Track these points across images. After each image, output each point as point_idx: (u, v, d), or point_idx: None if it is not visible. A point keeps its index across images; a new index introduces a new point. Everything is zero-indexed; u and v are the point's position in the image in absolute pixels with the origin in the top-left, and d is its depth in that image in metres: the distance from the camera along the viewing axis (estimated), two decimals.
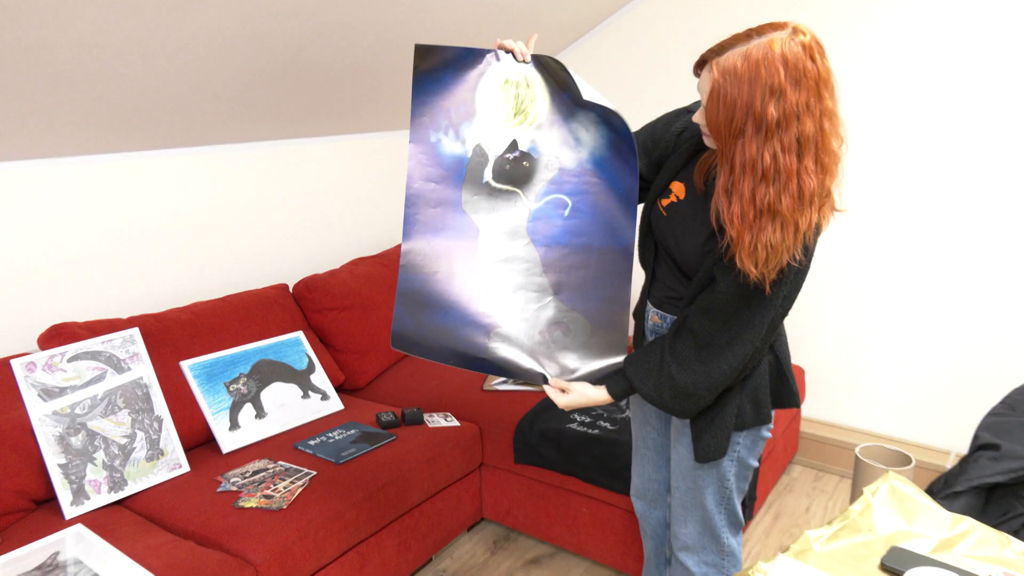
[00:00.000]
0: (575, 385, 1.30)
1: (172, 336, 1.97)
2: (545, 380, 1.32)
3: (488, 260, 1.31)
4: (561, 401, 1.31)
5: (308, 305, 2.31)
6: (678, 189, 1.28)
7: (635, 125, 1.38)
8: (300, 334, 2.22)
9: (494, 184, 1.29)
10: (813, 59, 1.04)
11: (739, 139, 1.06)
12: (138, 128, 1.96)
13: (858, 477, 2.20)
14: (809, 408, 2.61)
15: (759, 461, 1.41)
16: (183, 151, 2.15)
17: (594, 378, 1.32)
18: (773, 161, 1.05)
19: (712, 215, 1.15)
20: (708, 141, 1.17)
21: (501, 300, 1.31)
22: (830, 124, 1.06)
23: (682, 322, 1.25)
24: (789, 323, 2.54)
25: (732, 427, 1.27)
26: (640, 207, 1.38)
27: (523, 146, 1.29)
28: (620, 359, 1.31)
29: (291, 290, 2.36)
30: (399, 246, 2.84)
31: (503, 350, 1.31)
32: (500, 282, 1.31)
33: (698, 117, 1.15)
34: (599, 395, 1.29)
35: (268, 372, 2.09)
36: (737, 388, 1.27)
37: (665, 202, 1.28)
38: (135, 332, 1.89)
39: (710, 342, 1.21)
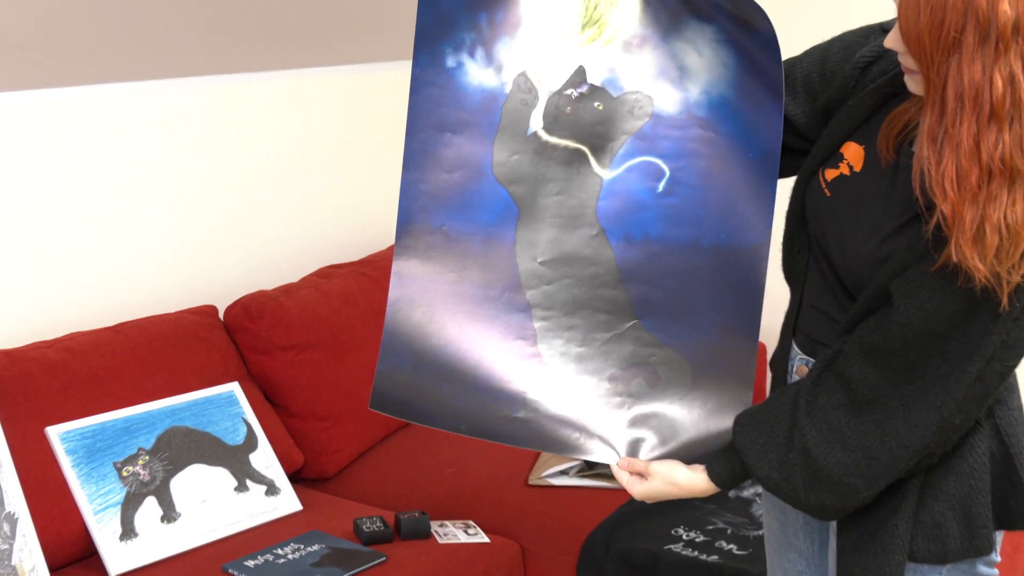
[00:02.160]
0: (659, 467, 1.31)
1: (35, 386, 2.00)
2: (614, 459, 1.33)
3: (532, 259, 1.32)
4: (638, 490, 1.32)
5: (249, 340, 2.33)
6: (854, 155, 1.27)
7: (789, 50, 1.35)
8: (235, 388, 2.25)
9: (546, 137, 1.31)
10: None
11: (953, 56, 1.06)
12: None
13: None
14: None
15: None
16: (51, 92, 2.20)
17: (691, 455, 1.32)
18: (1009, 88, 1.04)
19: (915, 179, 1.14)
20: (911, 83, 1.16)
21: (549, 325, 1.32)
22: None
23: (829, 362, 1.24)
24: None
25: (905, 548, 1.25)
26: (789, 182, 1.38)
27: (595, 77, 1.30)
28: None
29: (222, 316, 2.39)
30: (392, 248, 2.82)
31: (546, 408, 1.32)
32: (549, 296, 1.33)
33: (892, 39, 1.15)
34: (695, 481, 1.30)
35: (183, 448, 2.11)
36: (920, 484, 1.25)
37: (832, 174, 1.28)
38: None
39: (873, 400, 1.20)
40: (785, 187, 1.34)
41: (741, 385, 1.31)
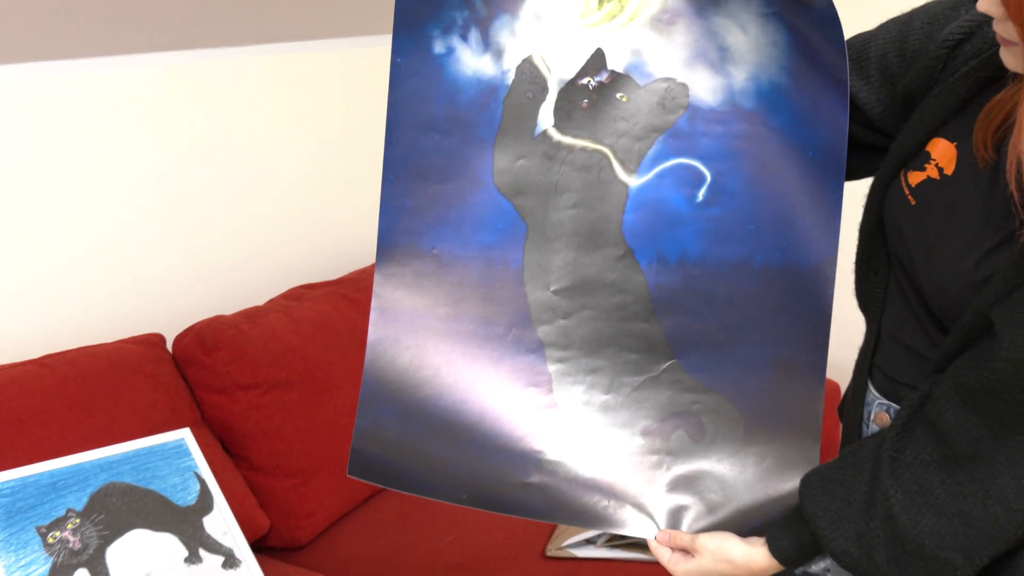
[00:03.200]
0: (708, 541, 1.31)
1: None
2: (653, 531, 1.33)
3: (544, 288, 1.33)
4: (682, 570, 1.32)
5: (203, 377, 2.34)
6: (943, 154, 1.27)
7: (859, 24, 1.34)
8: (185, 435, 2.24)
9: (558, 137, 1.32)
10: None
11: None
12: None
13: None
14: None
15: None
16: None
17: (746, 525, 1.32)
18: None
19: (1009, 171, 1.13)
20: (1008, 56, 1.15)
21: (568, 368, 1.33)
22: None
23: (917, 409, 1.24)
24: None
25: None
26: (861, 185, 1.38)
27: (617, 62, 1.31)
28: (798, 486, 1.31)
29: (170, 347, 2.40)
30: (366, 268, 2.81)
31: (567, 471, 1.32)
32: (566, 332, 1.33)
33: (985, 2, 1.13)
34: (753, 558, 1.30)
35: (122, 509, 2.11)
36: None
37: (917, 177, 1.28)
38: None
39: (974, 454, 1.19)
40: (855, 192, 1.34)
41: (806, 437, 1.31)
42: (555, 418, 1.33)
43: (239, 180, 2.64)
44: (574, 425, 1.33)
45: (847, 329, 1.48)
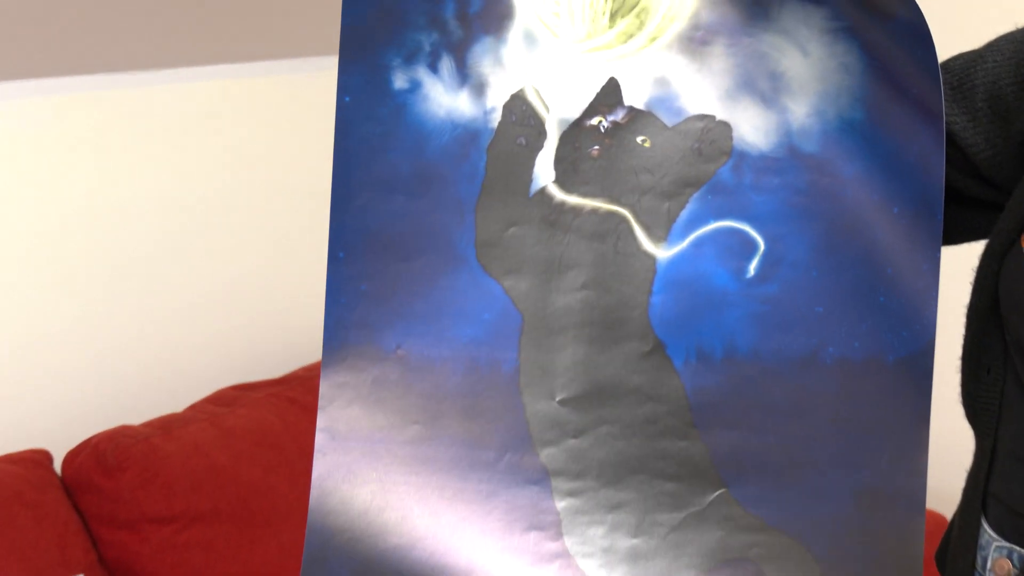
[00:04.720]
0: None
1: None
2: None
3: (547, 397, 1.32)
4: None
5: (103, 507, 2.34)
6: None
7: (959, 42, 1.35)
8: None
9: (561, 197, 1.32)
10: None
11: None
12: None
13: None
14: None
15: None
16: None
17: None
18: None
19: None
20: None
21: (582, 504, 1.32)
22: None
23: None
24: None
25: None
26: (967, 254, 1.39)
27: (637, 96, 1.31)
28: None
29: (59, 467, 2.40)
30: (320, 363, 2.82)
31: None
32: (579, 455, 1.32)
33: None
34: None
35: None
36: None
37: None
38: None
39: None
40: (959, 262, 1.33)
41: None
42: (566, 571, 1.32)
43: (148, 249, 2.65)
44: None
45: (951, 445, 1.47)
